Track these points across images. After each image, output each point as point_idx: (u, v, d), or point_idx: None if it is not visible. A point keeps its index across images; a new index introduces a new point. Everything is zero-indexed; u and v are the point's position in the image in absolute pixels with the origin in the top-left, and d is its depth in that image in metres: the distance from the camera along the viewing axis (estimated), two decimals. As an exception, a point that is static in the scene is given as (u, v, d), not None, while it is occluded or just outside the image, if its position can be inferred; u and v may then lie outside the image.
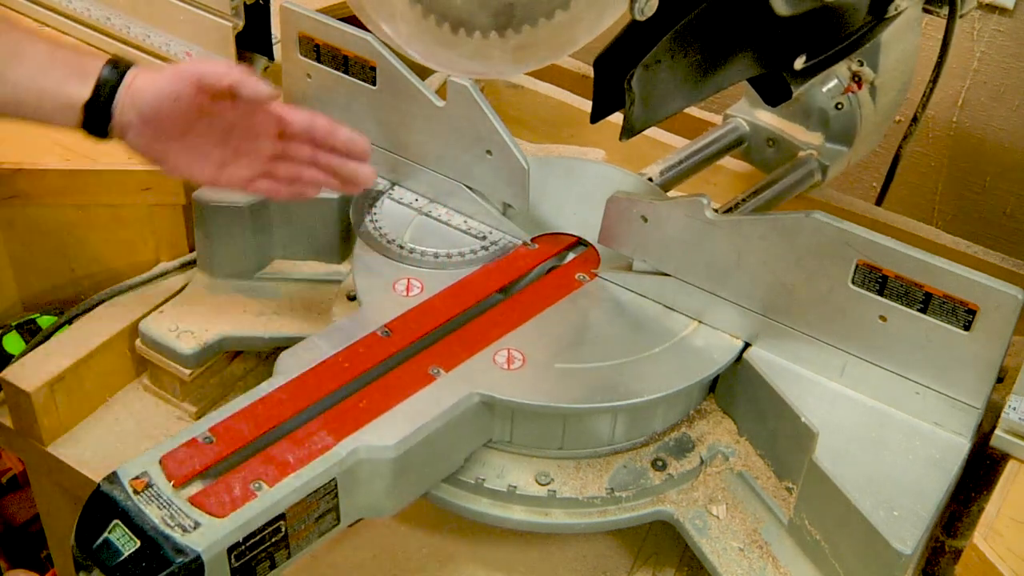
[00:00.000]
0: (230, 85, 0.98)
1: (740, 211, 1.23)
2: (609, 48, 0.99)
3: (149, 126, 0.99)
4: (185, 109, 0.98)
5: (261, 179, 1.06)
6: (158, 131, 0.99)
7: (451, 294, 1.10)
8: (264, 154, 1.05)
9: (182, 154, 1.02)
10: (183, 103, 0.98)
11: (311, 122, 1.04)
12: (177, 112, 0.98)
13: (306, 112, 1.04)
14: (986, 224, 1.71)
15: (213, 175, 1.04)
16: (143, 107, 0.98)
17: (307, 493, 0.89)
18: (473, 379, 1.00)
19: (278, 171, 1.05)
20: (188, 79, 0.98)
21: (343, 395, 0.97)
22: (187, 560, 0.82)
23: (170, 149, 1.01)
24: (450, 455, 1.01)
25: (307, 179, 1.06)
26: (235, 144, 1.03)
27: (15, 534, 1.75)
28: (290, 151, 1.05)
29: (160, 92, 0.98)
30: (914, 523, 0.91)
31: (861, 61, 1.26)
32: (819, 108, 1.32)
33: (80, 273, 1.31)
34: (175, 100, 0.98)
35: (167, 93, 0.98)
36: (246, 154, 1.04)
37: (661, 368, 1.03)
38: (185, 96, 0.98)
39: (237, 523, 0.85)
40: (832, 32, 1.06)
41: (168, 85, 0.98)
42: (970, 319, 0.93)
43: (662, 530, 1.08)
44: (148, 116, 0.98)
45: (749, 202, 1.25)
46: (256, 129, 1.03)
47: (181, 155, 1.02)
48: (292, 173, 1.06)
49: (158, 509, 0.85)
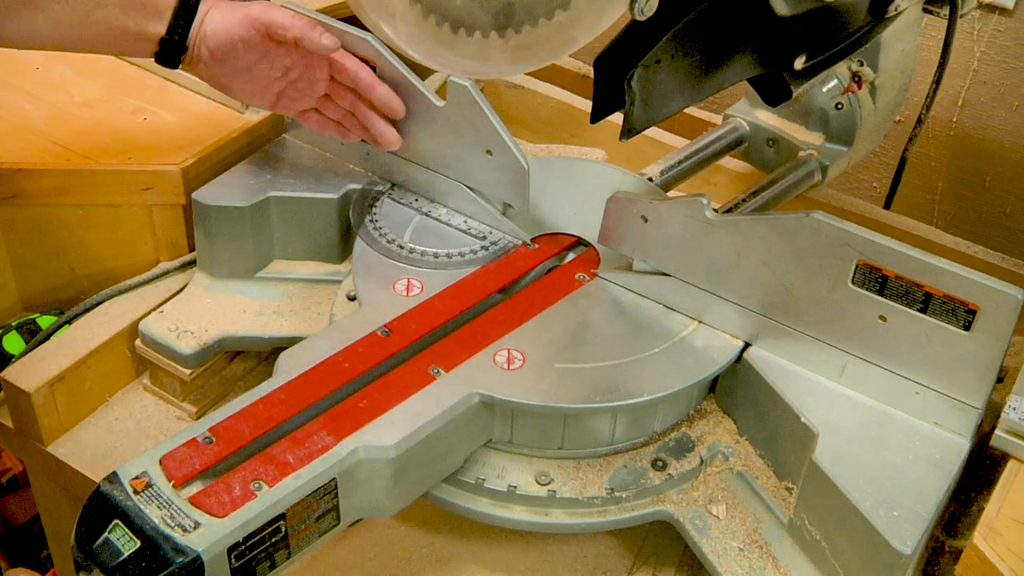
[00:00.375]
0: (295, 38, 1.09)
1: (740, 211, 1.23)
2: (609, 48, 0.99)
3: (217, 62, 1.11)
4: (252, 51, 1.11)
5: (312, 112, 1.18)
6: (225, 66, 1.12)
7: (451, 294, 1.10)
8: (317, 92, 1.16)
9: (246, 85, 1.14)
10: (251, 46, 1.10)
11: (357, 73, 1.14)
12: (244, 53, 1.11)
13: (354, 61, 1.14)
14: (986, 224, 1.71)
15: (272, 103, 1.17)
16: (214, 46, 1.10)
17: (307, 493, 0.89)
18: (473, 379, 1.00)
19: (326, 109, 1.18)
20: (257, 26, 1.09)
21: (343, 395, 0.97)
22: (187, 560, 0.82)
23: (235, 80, 1.14)
24: (450, 455, 1.01)
25: (348, 124, 1.19)
26: (293, 80, 1.15)
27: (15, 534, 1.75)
28: (336, 94, 1.17)
29: (231, 34, 1.09)
30: (914, 523, 0.91)
31: (861, 61, 1.26)
32: (819, 108, 1.31)
33: (80, 273, 1.31)
34: (244, 43, 1.10)
35: (238, 36, 1.09)
36: (302, 90, 1.16)
37: (661, 368, 1.03)
38: (253, 41, 1.10)
39: (237, 523, 0.85)
40: (832, 32, 1.06)
41: (239, 29, 1.09)
42: (970, 319, 0.93)
43: (662, 530, 1.08)
44: (218, 54, 1.10)
45: (749, 202, 1.25)
46: (312, 69, 1.15)
47: (245, 85, 1.15)
48: (337, 115, 1.18)
49: (158, 509, 0.85)
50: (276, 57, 1.13)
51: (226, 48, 1.10)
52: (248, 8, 1.10)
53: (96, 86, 1.39)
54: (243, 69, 1.13)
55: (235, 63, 1.12)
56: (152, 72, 1.42)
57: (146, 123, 1.34)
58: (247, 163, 1.27)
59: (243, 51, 1.11)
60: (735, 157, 1.43)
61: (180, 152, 1.27)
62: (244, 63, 1.12)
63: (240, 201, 1.20)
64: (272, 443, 0.92)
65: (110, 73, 1.42)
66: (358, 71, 1.14)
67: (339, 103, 1.18)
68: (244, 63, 1.12)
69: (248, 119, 1.35)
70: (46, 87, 1.38)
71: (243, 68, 1.13)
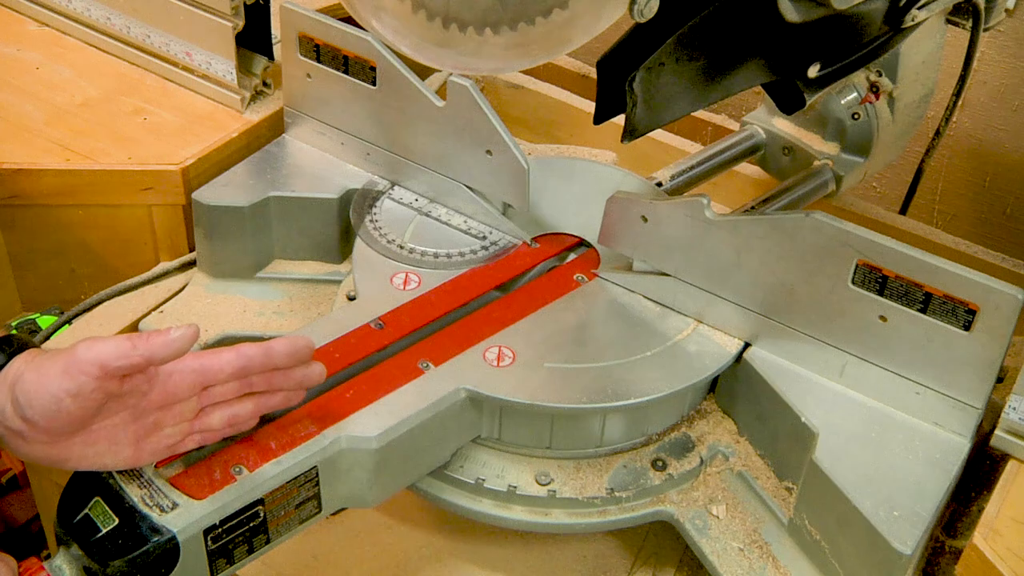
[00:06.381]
0: (143, 360, 0.80)
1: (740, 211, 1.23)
2: (613, 49, 0.99)
3: (41, 432, 0.81)
4: (87, 402, 0.80)
5: (190, 438, 0.88)
6: (53, 434, 0.81)
7: (447, 290, 1.11)
8: (188, 416, 0.87)
9: (88, 447, 0.83)
10: (84, 398, 0.79)
11: (240, 363, 0.86)
12: (77, 408, 0.80)
13: (231, 353, 0.87)
14: (986, 224, 1.71)
15: (130, 457, 0.85)
16: (32, 414, 0.79)
17: (287, 480, 0.90)
18: (461, 374, 1.00)
19: (211, 421, 0.88)
20: (87, 370, 0.79)
21: (331, 384, 0.97)
22: (163, 539, 0.83)
23: (72, 446, 0.83)
24: (435, 449, 1.01)
25: (244, 417, 0.89)
26: (153, 416, 0.86)
27: (15, 534, 1.75)
28: (216, 396, 0.88)
29: (54, 395, 0.79)
30: (914, 523, 0.91)
31: (880, 71, 1.24)
32: (836, 118, 1.29)
33: (80, 273, 1.31)
34: (74, 397, 0.79)
35: (63, 392, 0.79)
36: (167, 421, 0.86)
37: (651, 371, 1.03)
38: (86, 389, 0.79)
39: (215, 505, 0.86)
40: (847, 41, 1.04)
41: (61, 383, 0.79)
42: (970, 319, 0.93)
43: (662, 530, 1.08)
44: (40, 423, 0.80)
45: (758, 209, 1.24)
46: (175, 391, 0.86)
47: (87, 448, 0.83)
48: (225, 419, 0.89)
49: (139, 488, 0.86)
50: (123, 396, 0.83)
51: (50, 411, 0.79)
52: (69, 352, 0.80)
53: (96, 86, 1.39)
54: (79, 428, 0.82)
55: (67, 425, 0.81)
56: (152, 72, 1.42)
57: (146, 123, 1.34)
58: (247, 163, 1.27)
59: (74, 407, 0.79)
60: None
61: (180, 152, 1.28)
62: (78, 421, 0.81)
63: (240, 201, 1.20)
64: (256, 428, 0.92)
65: (110, 73, 1.42)
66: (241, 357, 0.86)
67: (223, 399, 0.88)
68: (78, 421, 0.81)
69: (248, 119, 1.35)
70: (46, 87, 1.38)
71: (78, 427, 0.82)
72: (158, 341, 0.80)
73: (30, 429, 0.80)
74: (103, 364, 0.79)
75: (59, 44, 1.47)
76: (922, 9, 1.03)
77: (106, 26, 1.44)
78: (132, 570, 0.82)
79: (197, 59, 1.37)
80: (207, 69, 1.37)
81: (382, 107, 1.21)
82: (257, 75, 1.38)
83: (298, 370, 0.90)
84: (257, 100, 1.38)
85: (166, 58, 1.41)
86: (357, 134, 1.26)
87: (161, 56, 1.41)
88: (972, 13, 1.18)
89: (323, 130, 1.28)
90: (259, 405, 0.90)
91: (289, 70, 1.27)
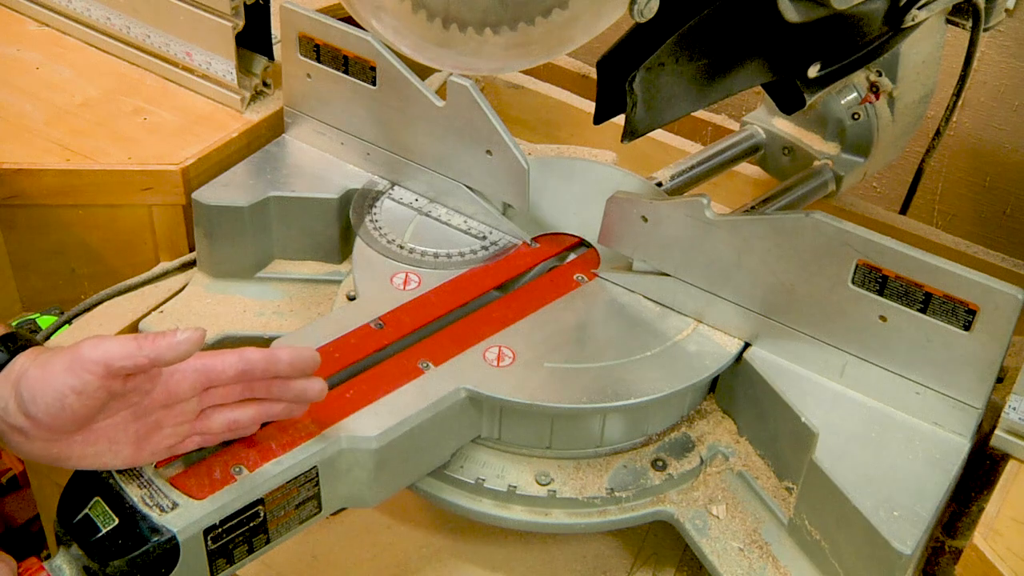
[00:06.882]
0: (148, 361, 0.79)
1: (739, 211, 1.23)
2: (613, 49, 0.99)
3: (44, 429, 0.81)
4: (91, 400, 0.80)
5: (190, 439, 0.88)
6: (56, 431, 0.81)
7: (447, 290, 1.11)
8: (189, 417, 0.87)
9: (88, 445, 0.83)
10: (88, 396, 0.79)
11: (242, 366, 0.86)
12: (80, 406, 0.80)
13: (234, 355, 0.86)
14: (986, 224, 1.71)
15: (130, 457, 0.85)
16: (36, 411, 0.79)
17: (287, 480, 0.90)
18: (461, 374, 1.00)
19: (211, 424, 0.88)
20: (91, 368, 0.78)
21: (331, 384, 0.97)
22: (162, 540, 0.83)
23: (73, 444, 0.83)
24: (435, 449, 1.01)
25: (244, 422, 0.89)
26: (154, 416, 0.86)
27: (15, 534, 1.75)
28: (217, 397, 0.88)
29: (58, 391, 0.79)
30: (914, 523, 0.91)
31: (880, 71, 1.24)
32: (836, 118, 1.29)
33: (80, 273, 1.31)
34: (79, 395, 0.79)
35: (68, 389, 0.79)
36: (168, 421, 0.86)
37: (652, 371, 1.03)
38: (90, 388, 0.79)
39: (215, 505, 0.86)
40: (847, 41, 1.04)
41: (66, 379, 0.79)
42: (970, 319, 0.93)
43: (662, 530, 1.08)
44: (43, 420, 0.80)
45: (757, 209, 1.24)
46: (177, 391, 0.85)
47: (88, 446, 0.83)
48: (226, 422, 0.88)
49: (139, 488, 0.86)
50: (126, 395, 0.83)
51: (54, 409, 0.79)
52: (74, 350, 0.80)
53: (96, 86, 1.39)
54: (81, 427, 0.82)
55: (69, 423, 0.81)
56: (152, 72, 1.42)
57: (146, 123, 1.34)
58: (247, 163, 1.27)
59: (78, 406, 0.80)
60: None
61: (180, 152, 1.28)
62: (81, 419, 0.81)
63: (240, 201, 1.20)
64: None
65: (110, 73, 1.42)
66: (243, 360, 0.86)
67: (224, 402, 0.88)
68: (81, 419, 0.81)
69: (248, 119, 1.35)
70: (46, 87, 1.38)
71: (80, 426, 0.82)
72: (164, 343, 0.79)
73: (32, 426, 0.80)
74: (108, 363, 0.79)
75: (59, 44, 1.47)
76: (922, 9, 1.03)
77: (106, 26, 1.44)
78: (132, 570, 0.82)
79: (197, 59, 1.37)
80: (207, 69, 1.37)
81: (382, 107, 1.21)
82: (257, 75, 1.38)
83: (298, 382, 0.89)
84: (257, 100, 1.39)
85: (166, 58, 1.41)
86: (357, 134, 1.26)
87: (161, 56, 1.41)
88: (972, 13, 1.17)
89: (323, 130, 1.28)
90: (260, 412, 0.89)
91: (289, 70, 1.27)
